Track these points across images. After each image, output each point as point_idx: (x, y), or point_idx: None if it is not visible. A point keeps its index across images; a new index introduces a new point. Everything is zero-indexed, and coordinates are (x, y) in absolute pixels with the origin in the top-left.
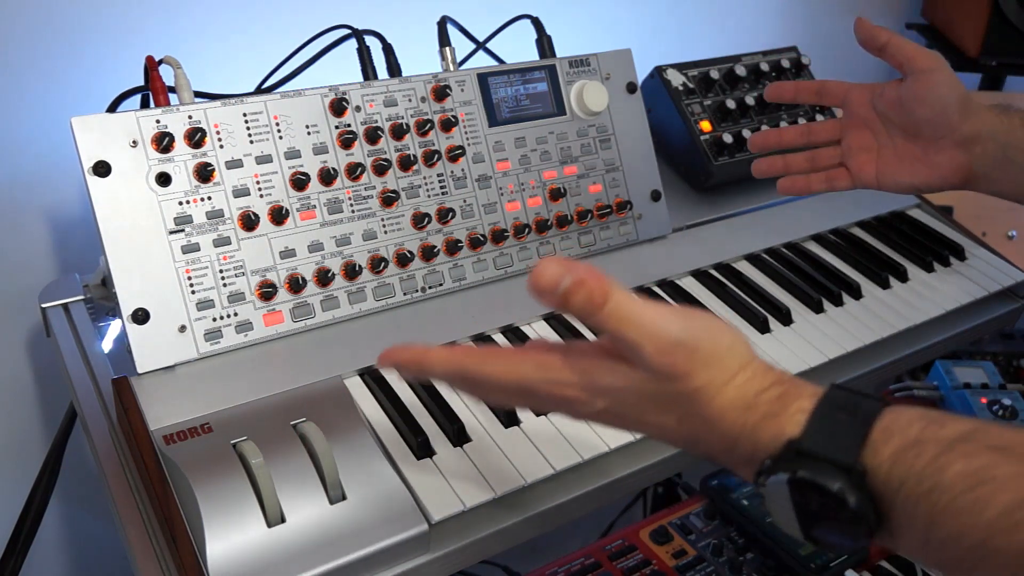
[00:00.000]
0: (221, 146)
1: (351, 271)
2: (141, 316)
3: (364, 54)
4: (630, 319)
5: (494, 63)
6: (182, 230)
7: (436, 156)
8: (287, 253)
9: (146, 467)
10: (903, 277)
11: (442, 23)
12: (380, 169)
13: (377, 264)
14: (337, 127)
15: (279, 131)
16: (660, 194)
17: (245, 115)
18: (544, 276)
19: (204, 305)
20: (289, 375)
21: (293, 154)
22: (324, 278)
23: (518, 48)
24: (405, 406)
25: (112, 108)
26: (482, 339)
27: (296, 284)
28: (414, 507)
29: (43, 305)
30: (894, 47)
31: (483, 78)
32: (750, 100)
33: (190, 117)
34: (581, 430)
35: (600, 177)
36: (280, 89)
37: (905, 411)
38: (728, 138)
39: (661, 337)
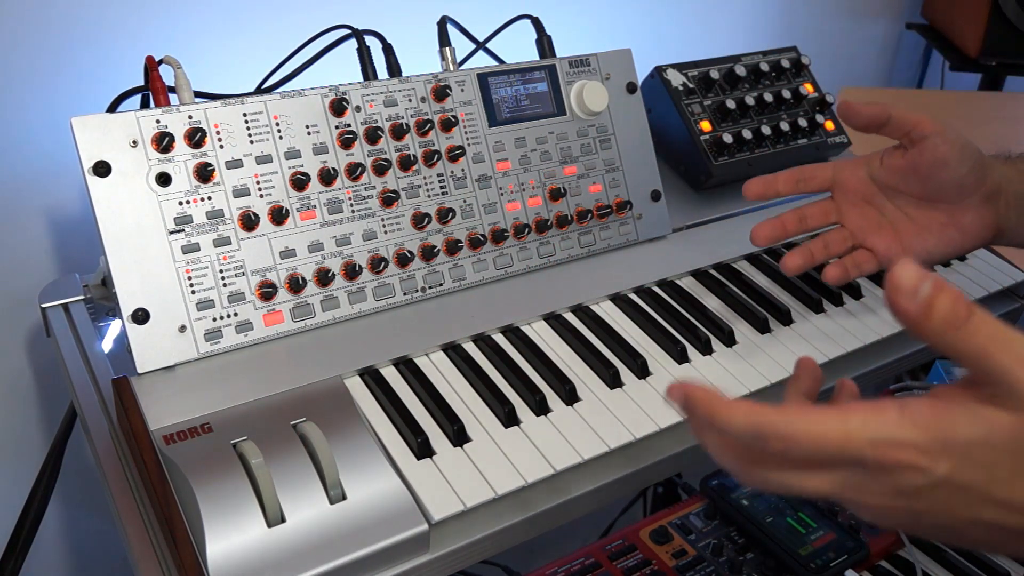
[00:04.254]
0: (221, 146)
1: (351, 271)
2: (141, 316)
3: (364, 54)
4: (999, 337)
5: (494, 63)
6: (182, 230)
7: (436, 156)
8: (287, 253)
9: (146, 467)
10: None
11: (442, 23)
12: (380, 169)
13: (377, 264)
14: (337, 127)
15: (279, 131)
16: (660, 194)
17: (245, 115)
18: (905, 277)
19: (204, 305)
20: (289, 375)
21: (293, 154)
22: (324, 278)
23: (518, 48)
24: (405, 406)
25: (112, 108)
26: (482, 339)
27: (296, 284)
28: (414, 507)
29: (43, 305)
30: (896, 120)
31: (483, 78)
32: (750, 100)
33: (190, 117)
34: (581, 430)
35: (600, 177)
36: (280, 89)
37: None
38: (728, 138)
39: None
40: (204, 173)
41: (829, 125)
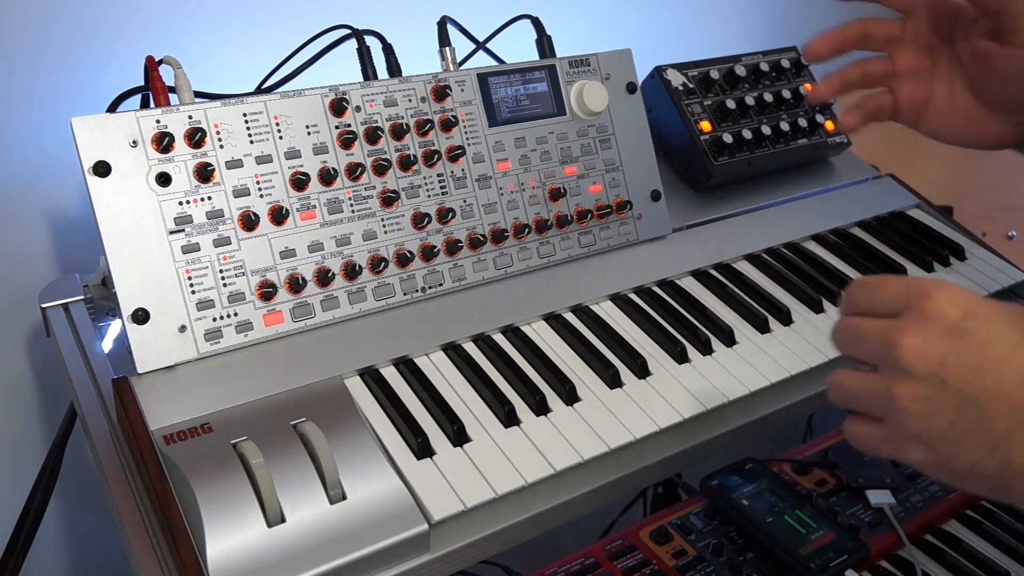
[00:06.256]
0: (221, 146)
1: (351, 271)
2: (141, 316)
3: (364, 54)
4: None
5: (494, 63)
6: (182, 230)
7: (436, 156)
8: (287, 253)
9: (146, 467)
10: None
11: (442, 23)
12: (380, 169)
13: (377, 264)
14: (337, 127)
15: (279, 131)
16: (660, 194)
17: (245, 115)
18: None
19: (204, 305)
20: (289, 375)
21: (293, 154)
22: (324, 278)
23: (518, 48)
24: (405, 406)
25: (112, 108)
26: (482, 339)
27: (296, 284)
28: (414, 507)
29: (43, 305)
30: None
31: (483, 78)
32: (750, 100)
33: (190, 117)
34: (581, 430)
35: (600, 177)
36: (280, 89)
37: None
38: (728, 138)
39: None
40: (204, 173)
41: (829, 125)
